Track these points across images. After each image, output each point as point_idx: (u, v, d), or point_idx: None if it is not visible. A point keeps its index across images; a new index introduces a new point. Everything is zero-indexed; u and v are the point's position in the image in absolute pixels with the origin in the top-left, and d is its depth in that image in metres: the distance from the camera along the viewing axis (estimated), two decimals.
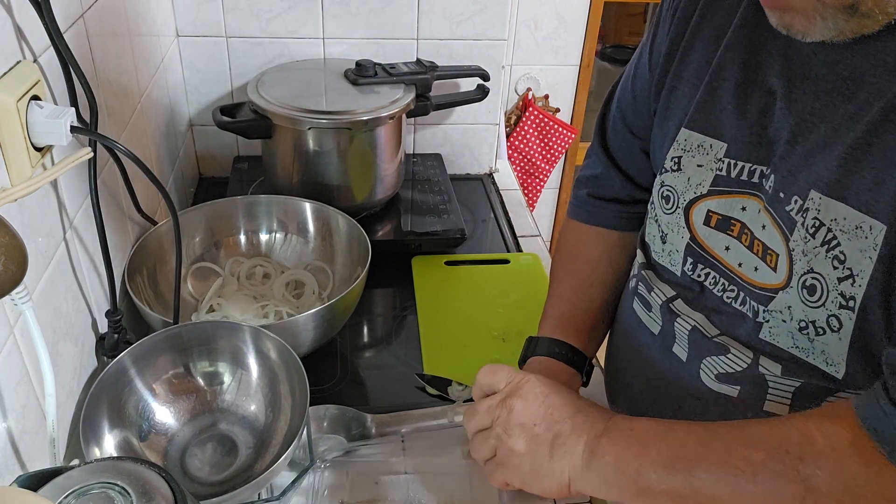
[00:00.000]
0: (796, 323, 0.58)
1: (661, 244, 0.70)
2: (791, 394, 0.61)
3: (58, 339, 0.68)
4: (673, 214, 0.68)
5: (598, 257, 0.85)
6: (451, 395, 0.86)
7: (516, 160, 2.06)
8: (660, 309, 0.70)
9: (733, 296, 0.63)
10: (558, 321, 0.82)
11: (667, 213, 0.69)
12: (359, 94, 1.10)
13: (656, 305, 0.71)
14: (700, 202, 0.65)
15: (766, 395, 0.62)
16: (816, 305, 0.56)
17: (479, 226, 1.26)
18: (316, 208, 1.02)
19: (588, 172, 0.87)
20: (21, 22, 0.60)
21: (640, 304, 0.74)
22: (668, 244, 0.69)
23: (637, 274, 0.75)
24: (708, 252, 0.65)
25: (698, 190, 0.65)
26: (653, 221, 0.72)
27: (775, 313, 0.59)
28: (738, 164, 0.62)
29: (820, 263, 0.55)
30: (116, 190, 0.87)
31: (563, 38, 1.96)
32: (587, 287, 0.84)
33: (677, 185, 0.67)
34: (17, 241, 0.51)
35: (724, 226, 0.64)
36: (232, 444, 0.75)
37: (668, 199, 0.68)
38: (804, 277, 0.56)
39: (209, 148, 1.33)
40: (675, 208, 0.67)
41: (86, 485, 0.46)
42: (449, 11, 1.23)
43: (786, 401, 0.61)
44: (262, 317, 0.94)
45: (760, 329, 0.61)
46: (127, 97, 0.92)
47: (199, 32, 1.20)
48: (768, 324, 0.60)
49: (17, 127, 0.57)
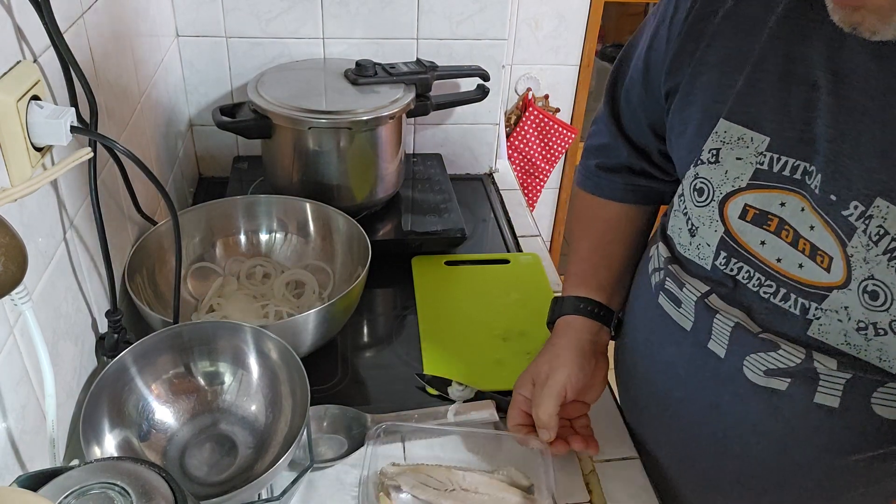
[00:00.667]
0: (854, 323, 0.58)
1: (688, 237, 0.69)
2: (843, 385, 0.60)
3: (58, 339, 0.68)
4: (706, 207, 0.66)
5: (614, 216, 0.86)
6: (451, 395, 0.86)
7: (516, 160, 2.06)
8: (694, 305, 0.68)
9: (772, 291, 0.62)
10: (581, 279, 0.83)
11: (699, 205, 0.67)
12: (359, 94, 1.10)
13: (689, 301, 0.69)
14: (737, 196, 0.63)
15: (817, 387, 0.62)
16: (880, 310, 0.56)
17: (479, 226, 1.26)
18: (316, 208, 1.02)
19: (596, 142, 0.87)
20: (21, 22, 0.60)
21: (667, 300, 0.72)
22: (697, 237, 0.68)
23: (663, 268, 0.73)
24: (742, 246, 0.64)
25: (736, 183, 0.63)
26: (680, 214, 0.70)
27: (830, 312, 0.59)
28: (780, 158, 0.60)
29: (882, 272, 0.55)
30: (116, 190, 0.87)
31: (563, 37, 1.96)
32: (606, 245, 0.85)
33: (713, 178, 0.65)
34: (17, 241, 0.51)
35: (761, 221, 0.62)
36: (232, 445, 0.75)
37: (701, 191, 0.66)
38: (865, 283, 0.56)
39: (209, 148, 1.32)
40: (710, 201, 0.66)
41: (86, 485, 0.46)
42: (449, 11, 1.23)
43: (837, 392, 0.61)
44: (262, 317, 0.94)
45: (809, 326, 0.60)
46: (127, 97, 0.92)
47: (199, 32, 1.20)
48: (819, 321, 0.60)
49: (17, 127, 0.57)
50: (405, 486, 0.74)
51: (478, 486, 0.74)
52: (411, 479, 0.74)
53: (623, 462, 0.82)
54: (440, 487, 0.74)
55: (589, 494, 0.78)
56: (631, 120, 0.82)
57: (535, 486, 0.75)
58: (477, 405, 0.85)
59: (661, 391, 0.76)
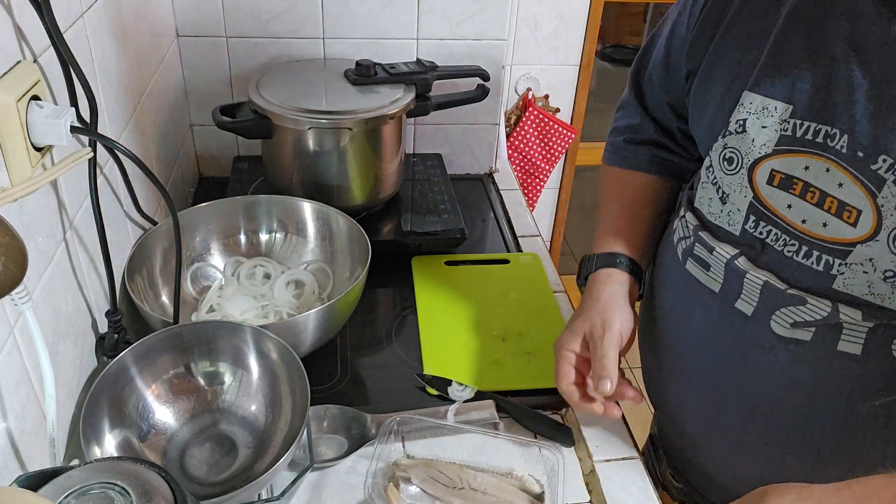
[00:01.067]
0: (880, 273, 0.62)
1: (719, 205, 0.73)
2: (865, 334, 0.64)
3: (58, 339, 0.68)
4: (736, 175, 0.70)
5: (642, 184, 0.91)
6: (451, 395, 0.86)
7: (516, 160, 2.06)
8: (723, 267, 0.72)
9: (794, 249, 0.67)
10: (613, 238, 0.87)
11: (729, 174, 0.71)
12: (359, 94, 1.10)
13: (718, 264, 0.73)
14: (764, 162, 0.68)
15: (840, 336, 0.66)
16: None
17: (479, 226, 1.26)
18: (316, 208, 1.02)
19: (623, 122, 0.94)
20: (21, 22, 0.60)
21: (695, 265, 0.76)
22: (728, 204, 0.72)
23: (691, 235, 0.76)
24: (770, 210, 0.68)
25: (762, 150, 0.68)
26: (709, 185, 0.74)
27: (854, 266, 0.63)
28: (803, 124, 0.65)
29: None
30: (116, 190, 0.87)
31: (563, 38, 1.96)
32: (636, 207, 0.90)
33: (741, 147, 0.69)
34: (17, 241, 0.51)
35: (787, 185, 0.67)
36: (232, 445, 0.75)
37: (731, 160, 0.71)
38: (894, 231, 0.60)
39: (209, 148, 1.32)
40: (739, 169, 0.70)
41: (86, 485, 0.46)
42: (449, 11, 1.23)
43: (860, 340, 0.65)
44: (262, 317, 0.94)
45: (834, 280, 0.65)
46: (127, 97, 0.92)
47: (199, 32, 1.20)
48: (843, 275, 0.64)
49: (17, 127, 0.57)
50: (416, 479, 0.74)
51: (487, 488, 0.74)
52: (422, 472, 0.75)
53: (623, 462, 0.82)
54: (450, 484, 0.74)
55: (589, 494, 0.78)
56: (654, 102, 0.89)
57: (545, 494, 0.75)
58: (477, 405, 0.85)
59: (690, 357, 0.78)
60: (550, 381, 0.91)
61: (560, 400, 0.89)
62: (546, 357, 0.95)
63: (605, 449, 0.83)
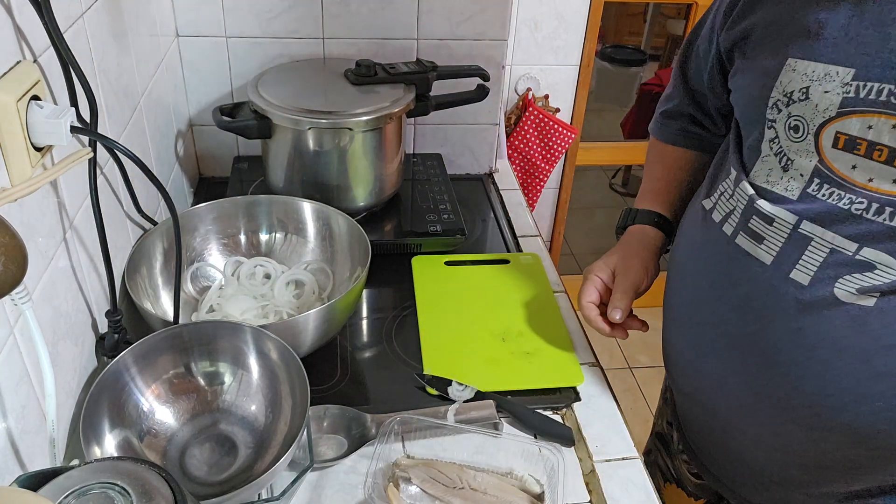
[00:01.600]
0: None
1: (780, 174, 0.74)
2: None
3: (58, 339, 0.68)
4: (803, 142, 0.71)
5: (676, 154, 1.01)
6: (451, 395, 0.86)
7: (516, 160, 2.06)
8: (784, 236, 0.73)
9: (863, 207, 0.68)
10: (654, 196, 1.00)
11: (795, 141, 0.72)
12: (359, 94, 1.10)
13: (777, 234, 0.73)
14: (828, 125, 0.69)
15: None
16: None
17: (479, 226, 1.26)
18: (316, 208, 1.02)
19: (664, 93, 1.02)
20: (21, 22, 0.60)
21: (748, 239, 0.76)
22: (790, 171, 0.73)
23: (745, 207, 0.77)
24: (835, 173, 0.69)
25: (826, 115, 0.69)
26: (771, 157, 0.75)
27: None
28: (866, 85, 0.66)
29: None
30: (116, 190, 0.87)
31: (563, 38, 1.96)
32: (677, 169, 1.01)
33: (805, 114, 0.71)
34: (17, 241, 0.51)
35: (851, 146, 0.68)
36: (232, 445, 0.75)
37: (797, 128, 0.72)
38: None
39: (209, 148, 1.33)
40: (805, 135, 0.71)
41: (86, 485, 0.46)
42: (449, 11, 1.23)
43: None
44: (262, 317, 0.94)
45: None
46: (127, 97, 0.92)
47: (199, 32, 1.20)
48: None
49: (17, 127, 0.57)
50: (416, 479, 0.74)
51: (487, 488, 0.74)
52: (423, 472, 0.75)
53: (623, 462, 0.82)
54: (450, 484, 0.74)
55: (589, 494, 0.78)
56: (696, 75, 0.93)
57: (545, 494, 0.75)
58: (477, 405, 0.85)
59: (735, 327, 0.78)
60: (550, 381, 0.91)
61: (560, 399, 0.90)
62: (546, 357, 0.95)
63: (605, 449, 0.83)
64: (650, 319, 0.95)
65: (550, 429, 0.84)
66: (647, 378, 2.28)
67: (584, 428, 0.85)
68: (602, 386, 0.92)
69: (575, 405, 0.89)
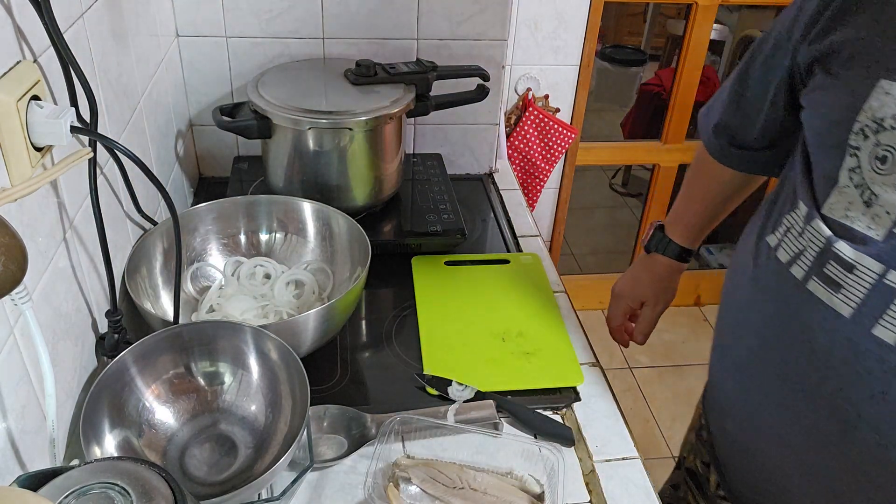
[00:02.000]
0: None
1: (861, 208, 0.66)
2: None
3: (58, 339, 0.68)
4: (891, 175, 0.63)
5: (729, 179, 0.96)
6: (451, 395, 0.86)
7: (516, 160, 2.06)
8: (869, 288, 0.64)
9: None
10: (688, 228, 1.02)
11: (882, 173, 0.64)
12: (359, 94, 1.10)
13: (858, 285, 0.65)
14: None
15: None
16: None
17: (479, 226, 1.26)
18: (316, 208, 1.02)
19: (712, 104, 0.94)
20: (21, 22, 0.60)
21: (822, 285, 0.68)
22: (874, 207, 0.65)
23: (821, 250, 0.69)
24: None
25: None
26: (850, 188, 0.67)
27: None
28: None
29: None
30: (116, 190, 0.87)
31: (563, 38, 1.96)
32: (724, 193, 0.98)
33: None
34: (17, 241, 0.51)
35: None
36: (232, 445, 0.75)
37: (884, 159, 0.64)
38: None
39: (209, 148, 1.32)
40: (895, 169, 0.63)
41: (86, 485, 0.46)
42: (449, 11, 1.23)
43: None
44: (262, 317, 0.94)
45: None
46: (127, 97, 0.92)
47: (199, 32, 1.20)
48: None
49: (17, 127, 0.57)
50: (415, 479, 0.74)
51: (487, 488, 0.74)
52: (422, 472, 0.75)
53: (623, 462, 0.82)
54: (450, 484, 0.74)
55: (589, 494, 0.78)
56: (757, 84, 0.84)
57: (545, 494, 0.75)
58: (477, 405, 0.85)
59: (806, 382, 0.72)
60: (550, 381, 0.91)
61: (560, 399, 0.90)
62: (546, 357, 0.95)
63: (605, 449, 0.83)
64: None
65: (550, 429, 0.84)
66: (647, 378, 2.28)
67: (584, 428, 0.85)
68: (602, 386, 0.92)
69: (575, 405, 0.89)
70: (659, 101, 2.59)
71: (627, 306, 1.09)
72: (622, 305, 1.09)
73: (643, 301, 1.07)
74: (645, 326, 1.07)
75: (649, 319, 1.07)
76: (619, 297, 1.09)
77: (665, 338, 2.37)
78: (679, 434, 1.13)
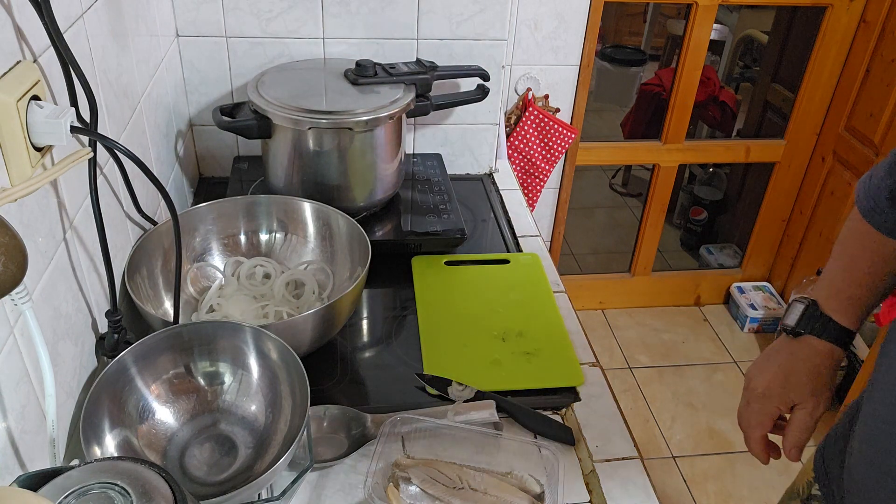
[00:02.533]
0: None
1: None
2: None
3: (58, 339, 0.68)
4: None
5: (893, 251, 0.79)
6: (451, 395, 0.86)
7: (516, 160, 2.06)
8: None
9: None
10: (850, 305, 0.80)
11: None
12: (359, 94, 1.10)
13: None
14: None
15: None
16: None
17: (479, 226, 1.26)
18: (316, 208, 1.02)
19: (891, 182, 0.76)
20: (21, 22, 0.60)
21: None
22: None
23: None
24: None
25: None
26: None
27: None
28: None
29: None
30: (116, 190, 0.87)
31: (563, 38, 1.96)
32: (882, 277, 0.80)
33: None
34: (17, 241, 0.51)
35: None
36: (232, 445, 0.75)
37: None
38: None
39: (209, 148, 1.33)
40: None
41: (86, 485, 0.46)
42: (449, 11, 1.23)
43: None
44: (262, 317, 0.94)
45: None
46: (127, 97, 0.92)
47: (199, 32, 1.20)
48: None
49: (17, 127, 0.57)
50: (416, 479, 0.74)
51: (487, 488, 0.74)
52: (422, 472, 0.75)
53: (623, 462, 0.82)
54: (450, 484, 0.74)
55: (589, 494, 0.78)
56: None
57: (545, 494, 0.75)
58: (477, 405, 0.85)
59: None
60: (550, 381, 0.91)
61: (560, 399, 0.89)
62: (546, 357, 0.95)
63: (605, 449, 0.83)
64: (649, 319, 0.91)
65: (550, 429, 0.84)
66: (647, 378, 2.28)
67: (584, 428, 0.85)
68: (602, 386, 0.92)
69: (575, 405, 0.89)
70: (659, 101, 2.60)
71: (776, 409, 0.81)
72: (769, 409, 0.81)
73: (796, 403, 0.80)
74: (801, 436, 0.78)
75: (806, 427, 0.78)
76: (766, 397, 0.81)
77: (665, 338, 2.37)
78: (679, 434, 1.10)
